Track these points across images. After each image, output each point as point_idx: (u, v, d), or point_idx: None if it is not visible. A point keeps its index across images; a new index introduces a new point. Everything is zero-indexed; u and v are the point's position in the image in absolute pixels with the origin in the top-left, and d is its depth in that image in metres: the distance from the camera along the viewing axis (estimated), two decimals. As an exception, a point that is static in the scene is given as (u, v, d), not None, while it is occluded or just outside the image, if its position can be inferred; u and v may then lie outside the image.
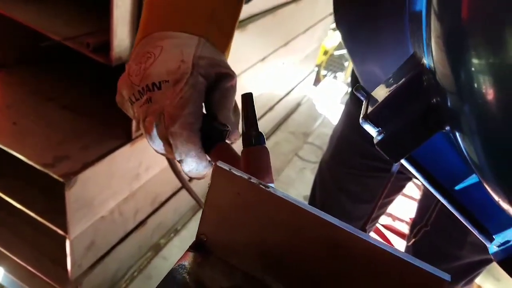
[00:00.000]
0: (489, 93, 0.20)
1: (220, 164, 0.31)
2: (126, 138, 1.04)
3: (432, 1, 0.23)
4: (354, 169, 1.01)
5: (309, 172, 2.10)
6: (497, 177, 0.22)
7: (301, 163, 2.19)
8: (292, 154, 2.22)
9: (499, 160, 0.22)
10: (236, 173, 0.31)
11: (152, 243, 1.46)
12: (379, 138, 0.30)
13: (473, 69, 0.20)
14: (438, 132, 0.27)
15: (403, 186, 1.05)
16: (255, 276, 0.34)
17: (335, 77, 3.23)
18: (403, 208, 1.93)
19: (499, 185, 0.22)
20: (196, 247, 0.36)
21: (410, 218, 1.77)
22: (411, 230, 1.18)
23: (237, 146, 0.42)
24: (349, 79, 1.88)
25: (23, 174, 1.07)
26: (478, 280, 1.69)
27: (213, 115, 0.43)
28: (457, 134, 0.25)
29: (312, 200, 1.18)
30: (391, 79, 0.33)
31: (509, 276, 0.30)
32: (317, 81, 2.92)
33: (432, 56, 0.25)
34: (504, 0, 0.18)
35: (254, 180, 0.30)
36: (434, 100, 0.27)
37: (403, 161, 0.32)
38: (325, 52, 2.98)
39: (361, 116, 0.32)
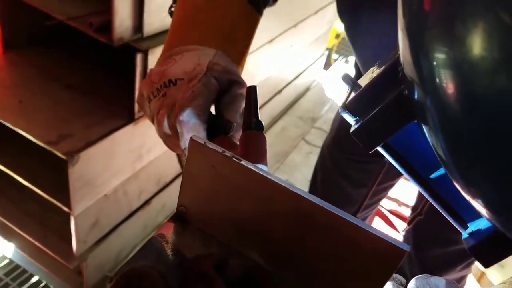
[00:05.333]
0: (449, 87, 0.20)
1: (195, 137, 0.32)
2: (129, 118, 1.06)
3: None
4: (354, 154, 1.01)
5: (315, 157, 2.09)
6: (458, 170, 0.23)
7: (307, 147, 2.19)
8: (299, 139, 2.22)
9: (459, 154, 0.22)
10: (210, 146, 0.31)
11: (157, 223, 1.49)
12: (355, 126, 0.30)
13: (434, 63, 0.20)
14: (409, 123, 0.27)
15: (402, 173, 1.05)
16: (230, 245, 0.35)
17: (346, 61, 3.18)
18: (409, 193, 1.92)
19: (460, 178, 0.23)
20: (176, 218, 0.37)
21: (415, 204, 1.77)
22: (411, 214, 1.18)
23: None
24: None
25: (29, 151, 1.09)
26: (482, 267, 1.68)
27: (221, 114, 0.47)
28: (423, 126, 0.25)
29: (313, 183, 1.18)
30: (376, 68, 0.33)
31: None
32: (327, 65, 2.89)
33: (399, 48, 0.26)
34: None
35: (227, 153, 0.31)
36: (406, 91, 0.27)
37: (379, 149, 0.33)
38: (337, 36, 2.93)
39: (340, 105, 0.32)
